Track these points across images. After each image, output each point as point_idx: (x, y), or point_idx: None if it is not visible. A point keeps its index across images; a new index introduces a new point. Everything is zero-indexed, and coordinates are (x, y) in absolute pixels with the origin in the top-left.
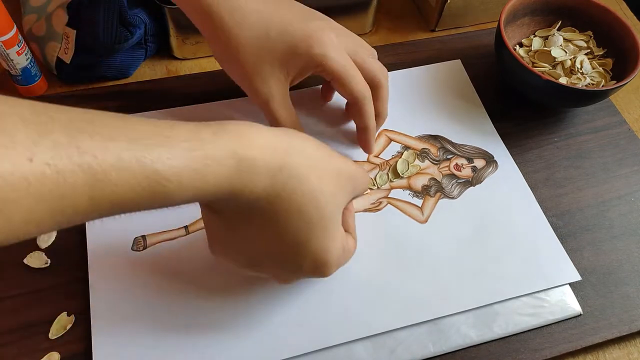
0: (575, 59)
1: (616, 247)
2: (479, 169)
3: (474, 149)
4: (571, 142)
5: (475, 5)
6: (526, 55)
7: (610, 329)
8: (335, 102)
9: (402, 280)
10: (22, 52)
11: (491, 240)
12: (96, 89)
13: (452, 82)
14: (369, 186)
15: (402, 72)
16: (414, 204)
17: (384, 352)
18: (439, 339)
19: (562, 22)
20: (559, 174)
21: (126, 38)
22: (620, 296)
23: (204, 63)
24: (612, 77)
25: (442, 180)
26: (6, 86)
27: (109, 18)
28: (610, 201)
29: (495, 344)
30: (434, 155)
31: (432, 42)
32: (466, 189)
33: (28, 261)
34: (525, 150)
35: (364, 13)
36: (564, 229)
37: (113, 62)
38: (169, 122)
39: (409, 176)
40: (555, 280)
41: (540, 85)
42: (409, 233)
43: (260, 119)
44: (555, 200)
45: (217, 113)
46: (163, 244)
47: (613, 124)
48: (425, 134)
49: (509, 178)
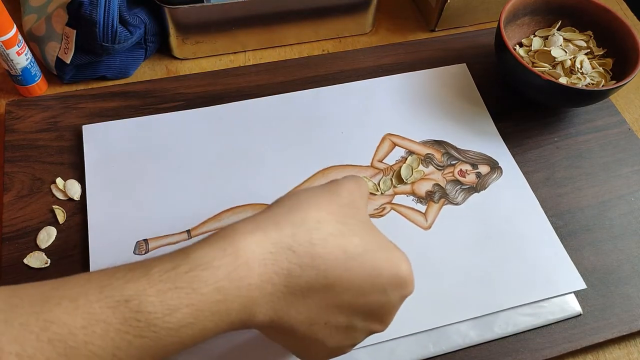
0: (575, 59)
1: (616, 247)
2: (483, 175)
3: (479, 155)
4: (571, 142)
5: (475, 5)
6: (526, 55)
7: (610, 329)
8: (341, 104)
9: None
10: (22, 52)
11: (495, 247)
12: (96, 89)
13: (458, 86)
14: (373, 191)
15: (407, 75)
16: (417, 210)
17: (384, 352)
18: (439, 339)
19: (562, 22)
20: (559, 174)
21: (126, 38)
22: (620, 296)
23: (204, 63)
24: (612, 77)
25: (446, 186)
26: (6, 86)
27: (108, 18)
28: (610, 201)
29: (495, 344)
30: (438, 161)
31: (432, 42)
32: (470, 195)
33: (28, 261)
34: (525, 150)
35: (364, 13)
36: (564, 229)
37: (113, 62)
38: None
39: (413, 182)
40: (561, 288)
41: (540, 85)
42: (412, 239)
43: (259, 121)
44: (555, 200)
45: (217, 116)
46: (165, 248)
47: (613, 124)
48: (429, 139)
49: (513, 184)
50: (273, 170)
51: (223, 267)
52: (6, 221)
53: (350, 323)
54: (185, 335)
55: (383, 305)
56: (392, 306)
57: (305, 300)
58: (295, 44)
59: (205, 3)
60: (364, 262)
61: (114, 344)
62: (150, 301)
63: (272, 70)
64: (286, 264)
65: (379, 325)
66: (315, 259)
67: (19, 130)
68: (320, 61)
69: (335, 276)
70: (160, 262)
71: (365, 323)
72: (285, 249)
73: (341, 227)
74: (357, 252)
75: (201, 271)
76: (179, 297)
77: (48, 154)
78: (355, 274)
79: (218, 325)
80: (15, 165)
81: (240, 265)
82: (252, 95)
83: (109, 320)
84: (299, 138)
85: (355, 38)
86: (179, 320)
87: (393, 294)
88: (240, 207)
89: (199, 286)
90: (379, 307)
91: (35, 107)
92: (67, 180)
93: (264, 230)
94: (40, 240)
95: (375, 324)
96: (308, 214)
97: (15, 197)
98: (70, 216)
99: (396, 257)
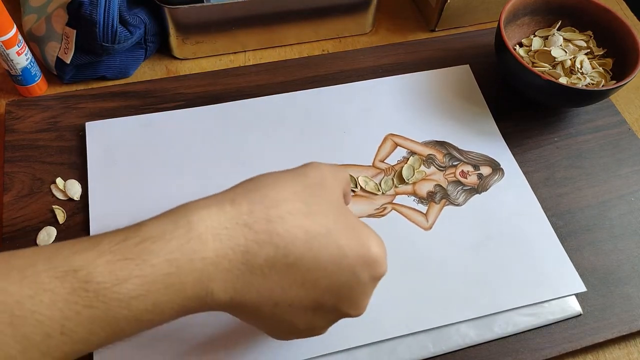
0: (575, 59)
1: (616, 247)
2: (485, 176)
3: (481, 156)
4: (571, 142)
5: (475, 5)
6: (526, 55)
7: (610, 329)
8: (343, 104)
9: (405, 288)
10: (22, 52)
11: (496, 248)
12: (96, 89)
13: (460, 87)
14: (374, 191)
15: (410, 75)
16: (418, 211)
17: (384, 351)
18: (439, 339)
19: (562, 22)
20: (559, 174)
21: (126, 38)
22: (620, 296)
23: (204, 63)
24: (612, 77)
25: (448, 187)
26: (6, 86)
27: (108, 18)
28: (610, 201)
29: (495, 344)
30: (440, 162)
31: (432, 42)
32: (472, 197)
33: None
34: (525, 150)
35: (364, 13)
36: (564, 229)
37: (113, 62)
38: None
39: (415, 182)
40: (561, 290)
41: (540, 85)
42: (413, 240)
43: (261, 120)
44: (555, 200)
45: (215, 116)
46: None
47: (613, 124)
48: (431, 140)
49: (515, 186)
50: (274, 168)
51: (174, 239)
52: (6, 221)
53: (318, 304)
54: (137, 310)
55: (352, 287)
56: (364, 288)
57: (265, 279)
58: (295, 44)
59: (205, 3)
60: (328, 242)
61: (62, 314)
62: (99, 271)
63: (272, 70)
64: (243, 241)
65: (351, 309)
66: (273, 236)
67: (19, 130)
68: (320, 61)
69: (297, 255)
70: (111, 235)
71: (336, 305)
72: (242, 225)
73: (303, 207)
74: (320, 232)
75: (152, 243)
76: (129, 267)
77: (48, 154)
78: (318, 253)
79: (173, 300)
80: (15, 165)
81: (193, 239)
82: (252, 95)
83: (57, 290)
84: (300, 137)
85: (355, 38)
86: (128, 291)
87: (362, 275)
88: None
89: (148, 257)
90: (348, 288)
91: (35, 107)
92: (67, 180)
93: (219, 206)
94: (40, 240)
95: (347, 306)
96: (268, 193)
97: (15, 197)
98: (70, 216)
99: (364, 236)
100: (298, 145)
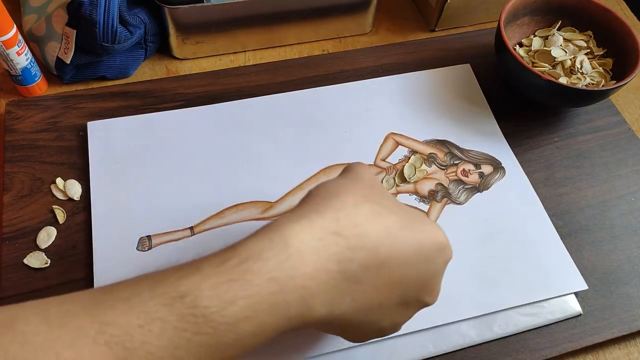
0: (575, 59)
1: (616, 247)
2: (486, 175)
3: (482, 155)
4: (571, 142)
5: (475, 5)
6: (526, 55)
7: (611, 329)
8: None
9: None
10: (22, 52)
11: (497, 247)
12: (96, 89)
13: (461, 86)
14: None
15: (411, 74)
16: (420, 209)
17: (384, 351)
18: (438, 339)
19: (562, 22)
20: (559, 174)
21: (126, 38)
22: (620, 296)
23: (204, 63)
24: (612, 77)
25: (449, 186)
26: (6, 86)
27: (108, 18)
28: (610, 201)
29: (495, 344)
30: (441, 161)
31: (432, 42)
32: (473, 195)
33: (28, 261)
34: (525, 150)
35: (364, 13)
36: (564, 229)
37: (113, 62)
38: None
39: (416, 181)
40: (562, 289)
41: (540, 85)
42: None
43: (262, 119)
44: (555, 200)
45: (216, 116)
46: (168, 244)
47: (613, 124)
48: (433, 139)
49: (516, 185)
50: (276, 168)
51: (273, 257)
52: (6, 221)
53: (403, 299)
54: (244, 332)
55: (431, 275)
56: (438, 273)
57: (359, 285)
58: (295, 44)
59: (205, 3)
60: (406, 235)
61: (172, 343)
62: (206, 295)
63: (272, 70)
64: (336, 249)
65: (430, 296)
66: (362, 238)
67: (19, 130)
68: (320, 61)
69: (385, 253)
70: (209, 259)
71: (417, 296)
72: (332, 233)
73: (376, 207)
74: (397, 227)
75: (252, 263)
76: (234, 289)
77: (48, 154)
78: (401, 248)
79: (277, 321)
80: (15, 165)
81: (292, 255)
82: (252, 95)
83: (166, 318)
84: (301, 136)
85: (355, 38)
86: (236, 314)
87: (438, 261)
88: (242, 204)
89: (251, 277)
90: (428, 277)
91: (35, 107)
92: (67, 180)
93: (307, 218)
94: (40, 240)
95: (427, 295)
96: (345, 199)
97: (15, 197)
98: (70, 216)
99: (428, 224)
100: (299, 145)
